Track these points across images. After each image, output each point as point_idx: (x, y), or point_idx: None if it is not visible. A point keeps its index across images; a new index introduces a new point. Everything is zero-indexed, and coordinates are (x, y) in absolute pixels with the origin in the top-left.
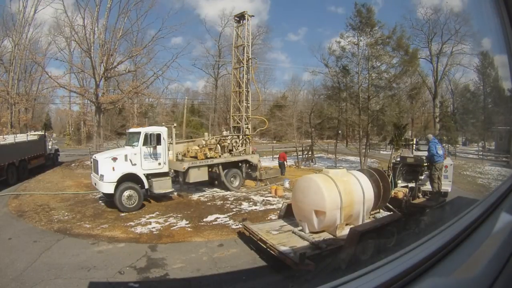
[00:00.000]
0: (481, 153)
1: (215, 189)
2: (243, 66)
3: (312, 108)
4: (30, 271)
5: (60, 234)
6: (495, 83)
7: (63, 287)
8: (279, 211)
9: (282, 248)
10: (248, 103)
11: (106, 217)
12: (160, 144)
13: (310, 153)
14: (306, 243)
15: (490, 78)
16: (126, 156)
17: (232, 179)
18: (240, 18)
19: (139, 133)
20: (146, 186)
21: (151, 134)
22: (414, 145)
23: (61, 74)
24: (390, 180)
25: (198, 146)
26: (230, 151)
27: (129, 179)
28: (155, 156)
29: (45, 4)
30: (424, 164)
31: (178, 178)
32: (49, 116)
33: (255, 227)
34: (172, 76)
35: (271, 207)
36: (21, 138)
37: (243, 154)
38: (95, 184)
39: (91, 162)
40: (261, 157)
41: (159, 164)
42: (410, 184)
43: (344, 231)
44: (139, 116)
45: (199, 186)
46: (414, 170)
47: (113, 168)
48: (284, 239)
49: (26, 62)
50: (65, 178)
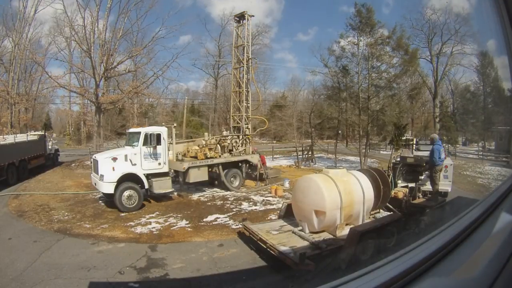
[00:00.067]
0: (481, 153)
1: (215, 189)
2: (243, 66)
3: (312, 108)
4: (30, 271)
5: (60, 234)
6: (495, 83)
7: (63, 287)
8: (279, 211)
9: (282, 248)
10: (248, 103)
11: (106, 217)
12: (160, 144)
13: (310, 153)
14: (306, 243)
15: (490, 78)
16: (126, 156)
17: (232, 179)
18: (240, 18)
19: (139, 133)
20: (146, 186)
21: (151, 134)
22: (414, 145)
23: (61, 74)
24: (390, 180)
25: (198, 146)
26: (230, 151)
27: (129, 179)
28: (155, 156)
29: (45, 4)
30: (424, 164)
31: (178, 178)
32: (49, 116)
33: (255, 227)
34: (172, 76)
35: (271, 207)
36: (21, 138)
37: (243, 154)
38: (95, 184)
39: (91, 162)
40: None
41: (159, 164)
42: (410, 184)
43: (344, 231)
44: (139, 116)
45: (199, 186)
46: (414, 170)
47: (113, 168)
48: (284, 239)
49: (26, 62)
50: (65, 178)
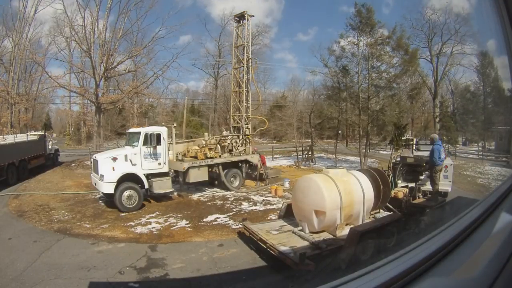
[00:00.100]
0: (481, 153)
1: (215, 189)
2: (243, 66)
3: (312, 108)
4: (30, 271)
5: (60, 234)
6: (495, 83)
7: (63, 287)
8: (279, 211)
9: (282, 248)
10: (248, 103)
11: (106, 217)
12: (160, 144)
13: (310, 153)
14: (306, 243)
15: (490, 78)
16: (126, 156)
17: (232, 179)
18: (240, 18)
19: (139, 133)
20: (146, 186)
21: (151, 134)
22: (414, 145)
23: (61, 74)
24: (390, 180)
25: (198, 146)
26: (230, 151)
27: (129, 179)
28: (155, 156)
29: (45, 4)
30: (424, 164)
31: (178, 178)
32: (49, 116)
33: (255, 227)
34: (172, 76)
35: (271, 207)
36: (21, 138)
37: (243, 154)
38: (95, 184)
39: (91, 162)
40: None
41: (159, 164)
42: (410, 184)
43: (344, 231)
44: (139, 116)
45: (199, 186)
46: (414, 170)
47: (113, 168)
48: (284, 239)
49: (26, 62)
50: (65, 178)
